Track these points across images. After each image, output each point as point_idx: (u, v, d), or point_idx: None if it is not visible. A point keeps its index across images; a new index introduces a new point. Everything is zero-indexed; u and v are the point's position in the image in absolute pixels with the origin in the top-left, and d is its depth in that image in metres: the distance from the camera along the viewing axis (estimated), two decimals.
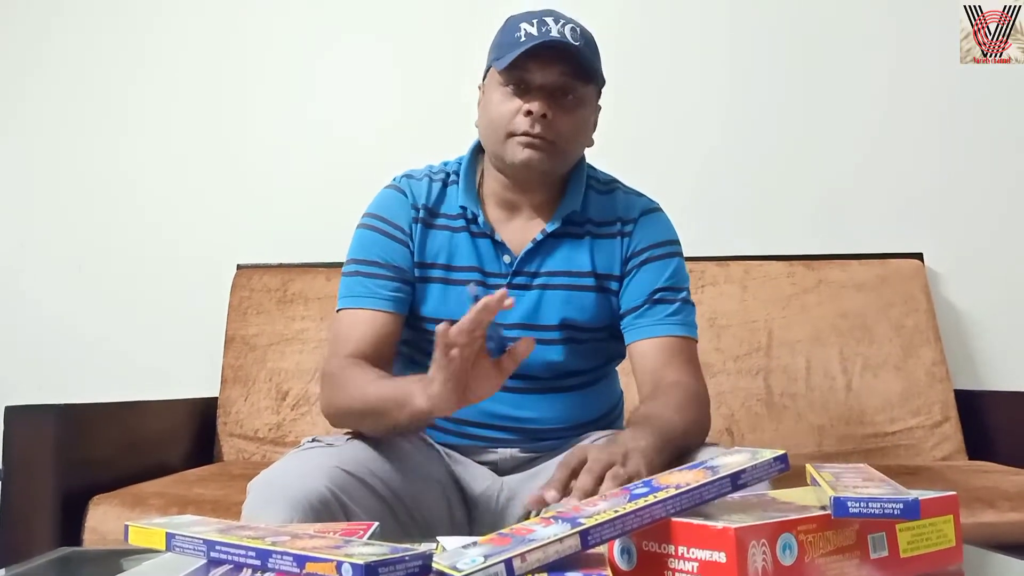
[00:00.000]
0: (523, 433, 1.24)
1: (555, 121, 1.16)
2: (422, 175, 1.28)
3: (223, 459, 2.12)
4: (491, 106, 1.19)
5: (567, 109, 1.17)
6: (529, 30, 1.15)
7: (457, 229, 1.25)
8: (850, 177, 2.36)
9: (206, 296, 2.31)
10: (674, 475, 0.78)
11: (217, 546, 0.74)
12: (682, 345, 1.21)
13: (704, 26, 2.40)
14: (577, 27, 1.18)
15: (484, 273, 1.23)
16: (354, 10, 2.43)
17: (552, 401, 1.24)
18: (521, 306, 1.21)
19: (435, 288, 1.23)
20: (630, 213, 1.27)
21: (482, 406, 1.21)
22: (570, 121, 1.18)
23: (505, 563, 0.66)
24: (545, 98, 1.15)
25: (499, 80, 1.18)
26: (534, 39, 1.14)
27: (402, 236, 1.24)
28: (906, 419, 2.07)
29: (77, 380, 2.29)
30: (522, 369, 1.21)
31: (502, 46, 1.18)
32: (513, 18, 1.20)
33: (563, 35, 1.14)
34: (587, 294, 1.23)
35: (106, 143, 2.43)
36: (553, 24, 1.15)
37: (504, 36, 1.19)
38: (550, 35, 1.14)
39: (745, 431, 2.07)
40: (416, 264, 1.24)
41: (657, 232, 1.26)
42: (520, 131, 1.16)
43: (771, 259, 2.24)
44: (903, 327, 2.14)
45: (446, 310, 1.21)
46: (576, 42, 1.15)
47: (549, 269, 1.23)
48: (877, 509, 0.71)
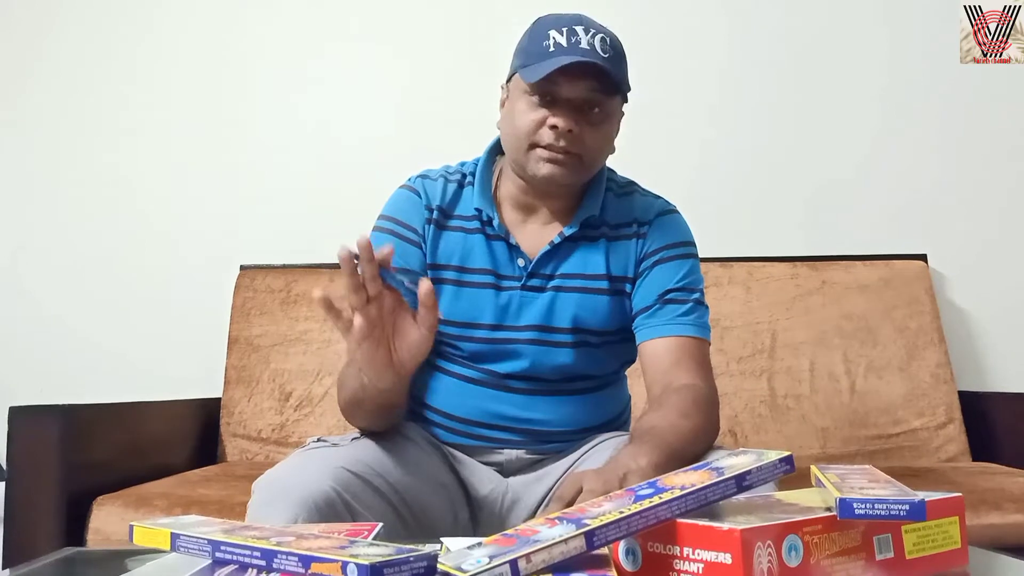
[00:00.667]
0: (530, 435, 1.23)
1: (581, 135, 1.15)
2: (437, 175, 1.27)
3: (226, 460, 2.12)
4: (516, 114, 1.17)
5: (593, 123, 1.16)
6: (558, 39, 1.13)
7: (471, 231, 1.23)
8: (853, 178, 2.36)
9: (209, 297, 2.32)
10: (679, 476, 0.78)
11: (222, 546, 0.74)
12: (693, 346, 1.19)
13: (706, 26, 2.40)
14: (607, 36, 1.15)
15: (498, 275, 1.22)
16: (356, 12, 2.43)
17: (560, 404, 1.23)
18: (534, 309, 1.21)
19: (448, 289, 1.22)
20: (646, 215, 1.25)
21: (490, 407, 1.22)
22: (596, 135, 1.17)
23: (510, 564, 0.66)
24: (572, 112, 1.14)
25: (525, 88, 1.16)
26: (563, 51, 1.12)
27: (415, 237, 1.23)
28: (910, 421, 2.06)
29: (80, 381, 2.29)
30: (532, 371, 1.21)
31: (530, 54, 1.15)
32: (542, 22, 1.18)
33: (593, 47, 1.12)
34: (601, 297, 1.22)
35: (108, 144, 2.43)
36: (583, 35, 1.13)
37: (532, 43, 1.16)
38: (580, 47, 1.12)
39: (749, 433, 2.06)
40: (429, 266, 1.22)
41: (672, 233, 1.25)
42: (544, 143, 1.15)
43: (775, 261, 2.24)
44: (907, 329, 2.14)
45: (459, 312, 1.21)
46: (605, 54, 1.13)
47: (563, 272, 1.22)
48: (883, 510, 0.70)
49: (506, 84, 1.23)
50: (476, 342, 1.21)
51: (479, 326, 1.21)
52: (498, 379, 1.22)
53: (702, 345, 1.21)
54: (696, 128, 2.38)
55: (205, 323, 2.31)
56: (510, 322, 1.21)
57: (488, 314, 1.21)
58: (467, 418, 1.23)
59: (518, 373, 1.22)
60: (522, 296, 1.21)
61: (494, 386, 1.22)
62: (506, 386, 1.22)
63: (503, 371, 1.22)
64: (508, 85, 1.22)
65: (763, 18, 2.40)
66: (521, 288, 1.21)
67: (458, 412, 1.23)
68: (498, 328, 1.21)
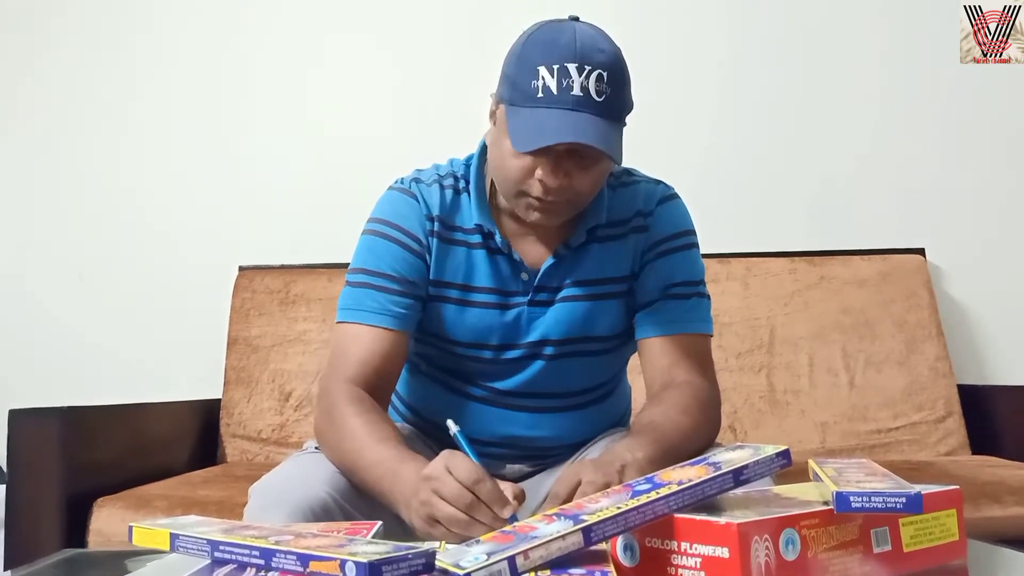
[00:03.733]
0: (535, 450, 1.22)
1: (572, 183, 1.06)
2: (431, 179, 1.20)
3: (227, 460, 2.12)
4: (503, 153, 1.07)
5: (586, 167, 1.06)
6: (548, 82, 1.02)
7: (474, 245, 1.17)
8: (851, 173, 2.36)
9: (208, 298, 2.32)
10: (676, 471, 0.78)
11: (221, 546, 0.74)
12: (694, 342, 1.17)
13: (706, 22, 2.40)
14: (604, 70, 1.03)
15: (503, 293, 1.17)
16: (355, 13, 2.43)
17: (566, 420, 1.21)
18: (543, 324, 1.17)
19: (451, 308, 1.17)
20: (649, 204, 1.20)
21: (495, 428, 1.19)
22: (588, 179, 1.08)
23: (508, 560, 0.66)
24: (562, 162, 1.05)
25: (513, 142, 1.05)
26: (552, 100, 1.01)
27: (418, 248, 1.16)
28: (909, 415, 2.06)
29: (80, 383, 2.29)
30: (543, 387, 1.18)
31: (516, 89, 1.05)
32: (531, 48, 1.05)
33: (586, 91, 1.01)
34: (609, 302, 1.19)
35: (107, 146, 2.43)
36: (576, 76, 1.01)
37: (519, 73, 1.05)
38: (571, 94, 1.01)
39: (748, 428, 2.06)
40: (432, 282, 1.17)
41: (673, 223, 1.21)
42: (533, 194, 1.07)
43: (773, 256, 2.24)
44: (906, 323, 2.14)
45: (464, 332, 1.17)
46: (600, 97, 1.02)
47: (571, 282, 1.18)
48: (880, 503, 0.71)
49: (495, 100, 1.12)
50: (482, 362, 1.18)
51: (486, 346, 1.17)
52: (503, 398, 1.19)
53: (704, 340, 1.19)
54: (694, 124, 2.38)
55: (204, 324, 2.31)
56: (518, 340, 1.18)
57: (495, 334, 1.17)
58: (471, 438, 1.21)
59: (526, 390, 1.19)
60: (529, 312, 1.17)
61: (500, 405, 1.20)
62: (512, 404, 1.20)
63: (509, 388, 1.19)
64: (496, 107, 1.11)
65: (763, 15, 2.40)
66: (528, 304, 1.17)
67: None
68: (506, 348, 1.17)
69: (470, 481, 0.88)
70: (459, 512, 0.87)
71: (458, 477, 0.88)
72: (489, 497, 0.87)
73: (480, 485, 0.87)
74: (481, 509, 0.87)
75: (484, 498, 0.87)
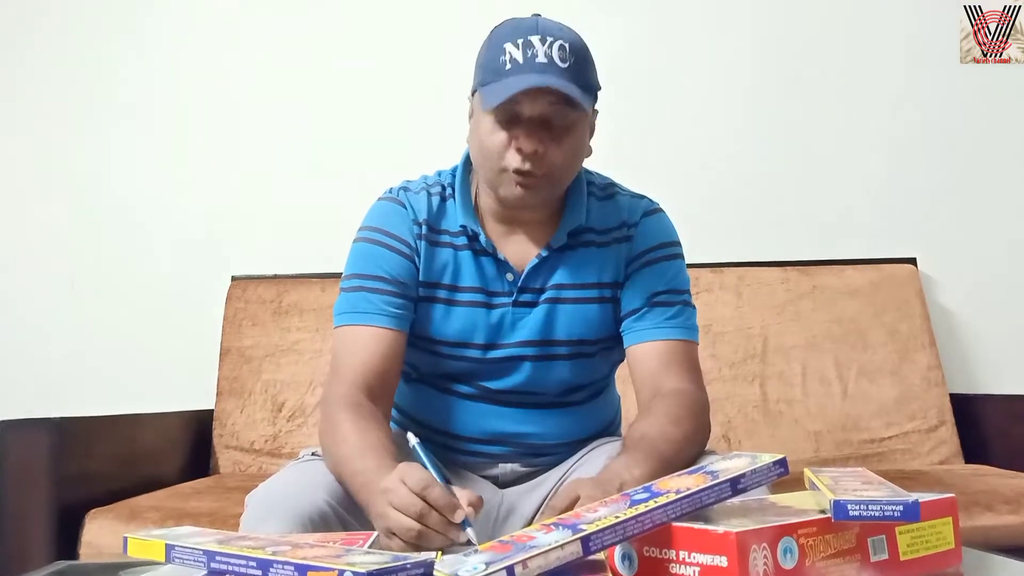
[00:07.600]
0: (525, 448, 1.23)
1: (548, 154, 1.11)
2: (419, 188, 1.24)
3: (219, 471, 2.11)
4: (481, 136, 1.13)
5: (558, 138, 1.12)
6: (514, 55, 1.09)
7: (460, 247, 1.21)
8: (843, 182, 2.37)
9: (201, 308, 2.31)
10: (674, 480, 0.79)
11: (217, 556, 0.73)
12: (682, 349, 1.20)
13: (696, 33, 2.41)
14: (566, 41, 1.10)
15: (487, 293, 1.20)
16: (347, 24, 2.43)
17: (556, 417, 1.23)
18: (527, 325, 1.19)
19: (439, 308, 1.20)
20: (633, 216, 1.24)
21: (484, 424, 1.21)
22: (562, 152, 1.12)
23: (507, 570, 0.66)
24: (535, 130, 1.10)
25: (486, 108, 1.11)
26: (519, 69, 1.08)
27: (407, 251, 1.20)
28: (902, 424, 2.07)
29: (71, 393, 2.28)
30: (527, 386, 1.20)
31: (487, 70, 1.12)
32: (497, 34, 1.14)
33: (551, 59, 1.08)
34: (592, 306, 1.21)
35: (99, 156, 2.42)
36: (540, 46, 1.09)
37: (489, 58, 1.12)
38: (536, 62, 1.08)
39: (742, 437, 2.07)
40: (421, 283, 1.20)
41: (657, 234, 1.24)
42: (512, 167, 1.11)
43: (765, 265, 2.25)
44: (898, 332, 2.15)
45: (451, 331, 1.19)
46: (564, 63, 1.09)
47: (554, 284, 1.20)
48: (877, 511, 0.71)
49: (471, 97, 1.18)
50: (469, 361, 1.20)
51: (471, 345, 1.20)
52: (492, 395, 1.21)
53: (690, 347, 1.21)
54: (686, 134, 2.38)
55: (197, 334, 2.30)
56: (503, 340, 1.20)
57: (480, 333, 1.19)
58: (461, 434, 1.22)
59: (512, 389, 1.20)
60: (514, 313, 1.20)
61: (488, 401, 1.21)
62: (500, 401, 1.21)
63: (497, 387, 1.21)
64: (472, 99, 1.18)
65: (755, 20, 2.41)
66: (512, 304, 1.20)
67: (452, 429, 1.22)
68: (491, 347, 1.20)
69: (419, 488, 0.89)
70: (411, 520, 0.88)
71: (409, 485, 0.90)
72: (439, 503, 0.88)
73: (429, 491, 0.89)
74: (432, 516, 0.88)
75: (434, 503, 0.88)
